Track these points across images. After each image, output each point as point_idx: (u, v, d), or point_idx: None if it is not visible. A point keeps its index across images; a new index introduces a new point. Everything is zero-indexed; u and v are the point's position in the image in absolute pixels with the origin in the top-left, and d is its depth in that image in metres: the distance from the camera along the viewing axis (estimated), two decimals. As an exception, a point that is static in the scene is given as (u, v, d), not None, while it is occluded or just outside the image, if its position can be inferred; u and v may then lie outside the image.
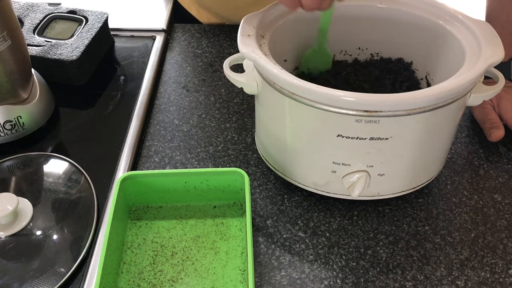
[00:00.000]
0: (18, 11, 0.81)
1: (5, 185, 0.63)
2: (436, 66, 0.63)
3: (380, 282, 0.54)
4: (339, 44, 0.68)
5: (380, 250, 0.57)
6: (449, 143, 0.59)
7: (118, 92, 0.77)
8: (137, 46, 0.86)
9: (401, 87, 0.65)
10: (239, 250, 0.56)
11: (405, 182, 0.58)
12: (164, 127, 0.72)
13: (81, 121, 0.73)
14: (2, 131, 0.66)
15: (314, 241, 0.58)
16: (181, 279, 0.53)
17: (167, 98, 0.77)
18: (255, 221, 0.60)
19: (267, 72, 0.52)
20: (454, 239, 0.58)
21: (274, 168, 0.62)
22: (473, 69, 0.51)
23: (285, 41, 0.61)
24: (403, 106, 0.49)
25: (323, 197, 0.62)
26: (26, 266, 0.54)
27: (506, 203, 0.62)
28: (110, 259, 0.51)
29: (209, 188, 0.59)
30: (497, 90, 0.56)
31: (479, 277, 0.55)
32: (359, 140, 0.52)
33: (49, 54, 0.74)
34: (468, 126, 0.72)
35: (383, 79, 0.65)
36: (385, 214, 0.61)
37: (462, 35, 0.57)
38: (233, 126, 0.72)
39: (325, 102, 0.49)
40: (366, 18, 0.64)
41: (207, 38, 0.89)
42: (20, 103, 0.68)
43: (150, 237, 0.57)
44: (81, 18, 0.80)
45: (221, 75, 0.81)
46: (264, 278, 0.54)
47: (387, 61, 0.67)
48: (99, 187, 0.63)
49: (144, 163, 0.67)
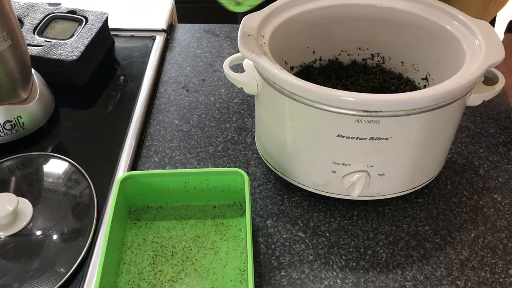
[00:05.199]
0: (18, 11, 0.81)
1: (5, 185, 0.63)
2: (436, 66, 0.63)
3: (380, 282, 0.54)
4: (339, 44, 0.68)
5: (380, 250, 0.57)
6: (449, 143, 0.59)
7: (118, 92, 0.77)
8: (137, 46, 0.86)
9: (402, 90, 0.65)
10: (239, 250, 0.56)
11: (405, 182, 0.58)
12: (164, 127, 0.72)
13: (81, 121, 0.73)
14: (2, 131, 0.66)
15: (314, 241, 0.58)
16: (181, 279, 0.53)
17: (167, 98, 0.77)
18: (255, 221, 0.60)
19: (267, 72, 0.52)
20: (454, 239, 0.58)
21: (274, 168, 0.62)
22: (473, 69, 0.51)
23: (285, 41, 0.61)
24: (403, 106, 0.49)
25: (323, 197, 0.62)
26: (26, 266, 0.54)
27: (506, 203, 0.62)
28: (110, 259, 0.51)
29: (209, 188, 0.59)
30: (497, 90, 0.57)
31: (479, 277, 0.55)
32: (359, 140, 0.52)
33: (49, 54, 0.74)
34: (468, 126, 0.72)
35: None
36: (385, 214, 0.61)
37: (462, 35, 0.57)
38: (233, 126, 0.72)
39: (325, 102, 0.49)
40: (366, 18, 0.64)
41: (207, 38, 0.89)
42: (20, 103, 0.68)
43: (150, 237, 0.57)
44: (81, 18, 0.80)
45: (221, 75, 0.81)
46: (264, 278, 0.54)
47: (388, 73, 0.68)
48: (99, 187, 0.63)
49: (144, 163, 0.67)
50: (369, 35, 0.66)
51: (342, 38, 0.67)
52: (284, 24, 0.60)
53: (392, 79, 0.66)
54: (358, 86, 0.64)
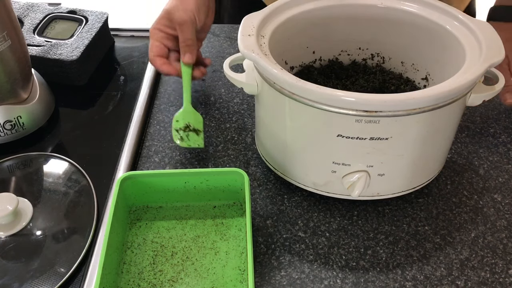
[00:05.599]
0: (18, 11, 0.81)
1: (5, 185, 0.63)
2: (437, 66, 0.63)
3: (380, 282, 0.54)
4: (339, 44, 0.68)
5: (380, 250, 0.57)
6: (449, 143, 0.59)
7: (118, 92, 0.77)
8: (137, 46, 0.86)
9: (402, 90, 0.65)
10: (239, 250, 0.56)
11: (405, 182, 0.58)
12: (164, 127, 0.72)
13: (81, 121, 0.73)
14: (2, 131, 0.66)
15: (314, 241, 0.58)
16: (181, 279, 0.53)
17: (167, 98, 0.77)
18: (255, 221, 0.60)
19: (267, 72, 0.52)
20: (454, 239, 0.58)
21: (274, 168, 0.62)
22: (473, 69, 0.51)
23: (285, 41, 0.61)
24: (403, 106, 0.49)
25: (323, 197, 0.62)
26: (26, 266, 0.54)
27: (506, 203, 0.62)
28: (110, 259, 0.51)
29: (209, 188, 0.59)
30: (497, 90, 0.57)
31: (479, 277, 0.55)
32: (359, 140, 0.52)
33: (49, 54, 0.74)
34: (468, 126, 0.72)
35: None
36: (385, 214, 0.61)
37: (462, 35, 0.57)
38: (233, 126, 0.72)
39: (325, 102, 0.49)
40: (366, 18, 0.64)
41: (207, 38, 0.89)
42: (20, 103, 0.68)
43: (150, 237, 0.57)
44: (81, 18, 0.80)
45: (221, 75, 0.81)
46: (264, 278, 0.54)
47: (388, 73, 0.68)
48: (99, 187, 0.63)
49: (144, 163, 0.67)
50: (369, 35, 0.66)
51: (342, 38, 0.67)
52: (284, 24, 0.60)
53: (392, 79, 0.66)
54: (358, 86, 0.64)
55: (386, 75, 0.66)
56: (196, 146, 0.64)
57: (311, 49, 0.67)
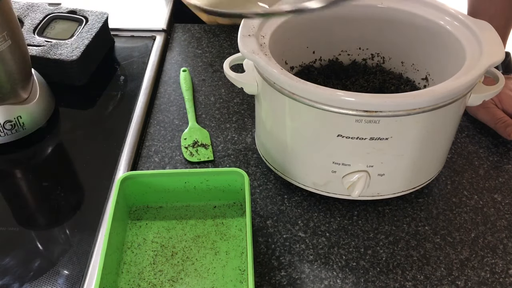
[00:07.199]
0: (18, 11, 0.81)
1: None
2: (437, 66, 0.63)
3: (380, 282, 0.54)
4: (339, 44, 0.68)
5: (380, 250, 0.57)
6: (449, 143, 0.59)
7: (118, 92, 0.77)
8: (137, 46, 0.86)
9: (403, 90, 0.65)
10: (239, 250, 0.56)
11: (405, 182, 0.58)
12: (164, 127, 0.72)
13: (81, 121, 0.73)
14: (2, 131, 0.66)
15: (314, 241, 0.58)
16: (181, 279, 0.53)
17: (167, 98, 0.77)
18: (255, 221, 0.60)
19: (267, 72, 0.52)
20: (454, 239, 0.58)
21: (274, 168, 0.62)
22: (473, 69, 0.51)
23: (285, 41, 0.61)
24: (403, 106, 0.49)
25: (323, 197, 0.62)
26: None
27: (506, 203, 0.62)
28: (110, 259, 0.51)
29: (209, 188, 0.59)
30: (497, 90, 0.56)
31: (479, 277, 0.55)
32: (359, 140, 0.52)
33: (49, 54, 0.74)
34: (468, 126, 0.72)
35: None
36: (385, 214, 0.61)
37: (462, 35, 0.57)
38: (233, 126, 0.72)
39: (325, 102, 0.49)
40: (366, 18, 0.64)
41: (207, 38, 0.89)
42: (20, 103, 0.68)
43: (150, 237, 0.57)
44: (81, 18, 0.80)
45: (221, 75, 0.81)
46: (264, 278, 0.54)
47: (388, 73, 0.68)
48: (99, 187, 0.63)
49: (144, 163, 0.67)
50: (369, 35, 0.66)
51: (342, 38, 0.67)
52: (284, 24, 0.60)
53: (392, 79, 0.66)
54: (358, 86, 0.64)
55: (386, 75, 0.66)
56: (206, 159, 0.67)
57: (311, 49, 0.67)
